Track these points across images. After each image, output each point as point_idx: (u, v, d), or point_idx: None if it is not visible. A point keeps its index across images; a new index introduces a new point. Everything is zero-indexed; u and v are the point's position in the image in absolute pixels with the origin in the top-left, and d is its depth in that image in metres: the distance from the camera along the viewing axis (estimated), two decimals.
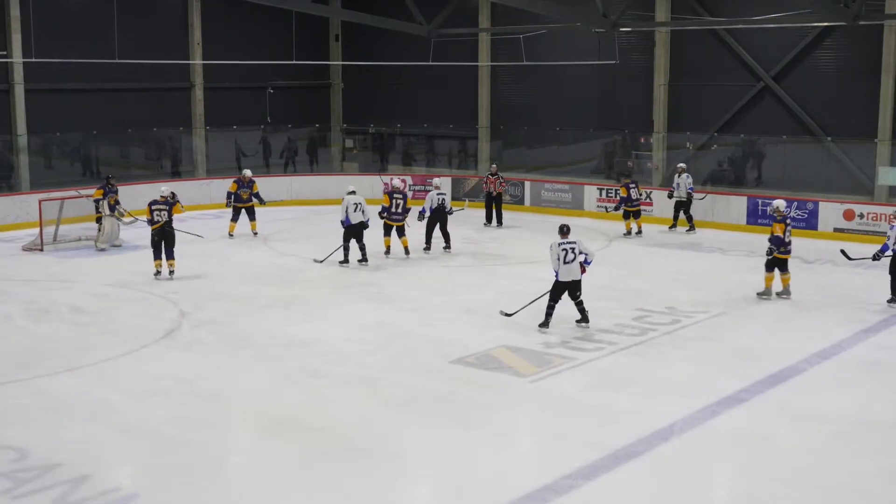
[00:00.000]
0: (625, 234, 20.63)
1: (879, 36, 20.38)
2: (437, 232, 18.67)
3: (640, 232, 20.72)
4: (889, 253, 14.23)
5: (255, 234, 20.38)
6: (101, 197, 18.95)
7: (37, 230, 18.99)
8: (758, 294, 14.79)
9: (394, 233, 17.86)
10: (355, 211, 16.97)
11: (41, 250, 18.56)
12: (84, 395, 10.46)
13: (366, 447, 8.98)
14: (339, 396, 10.45)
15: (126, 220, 18.96)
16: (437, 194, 18.72)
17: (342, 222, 17.07)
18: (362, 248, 17.16)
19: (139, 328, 13.12)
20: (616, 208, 21.02)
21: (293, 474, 8.38)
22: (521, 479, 8.23)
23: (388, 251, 17.95)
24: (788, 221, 14.63)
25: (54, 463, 8.50)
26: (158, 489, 8.10)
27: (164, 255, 15.95)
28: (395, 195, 17.78)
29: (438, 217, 18.64)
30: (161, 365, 11.55)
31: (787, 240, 14.42)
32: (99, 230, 18.84)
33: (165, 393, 10.48)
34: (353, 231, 17.04)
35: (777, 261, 14.48)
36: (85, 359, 11.72)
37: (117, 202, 18.86)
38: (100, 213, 18.86)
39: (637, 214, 20.80)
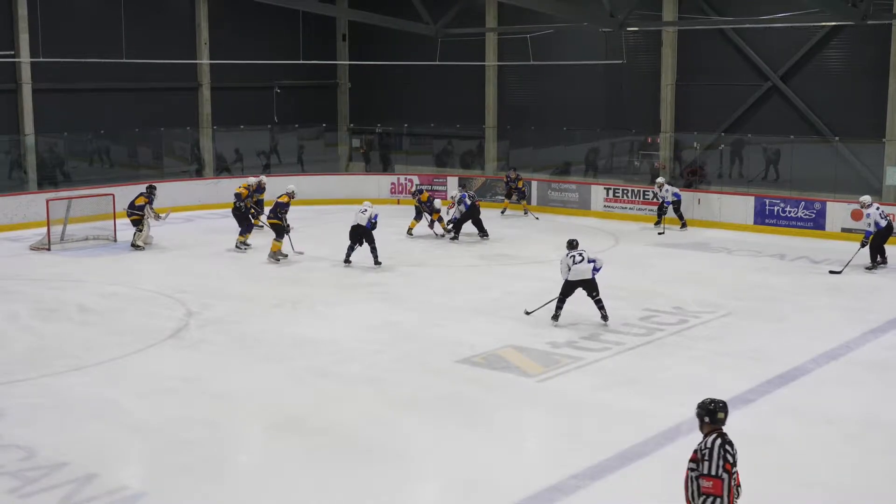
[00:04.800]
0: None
1: (888, 35, 20.31)
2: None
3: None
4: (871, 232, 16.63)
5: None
6: (146, 203, 18.99)
7: (44, 230, 19.05)
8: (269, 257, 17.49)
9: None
10: (360, 213, 17.10)
11: (49, 250, 18.62)
12: (91, 394, 10.49)
13: (373, 447, 8.99)
14: (346, 396, 10.45)
15: (163, 215, 19.31)
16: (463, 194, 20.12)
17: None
18: (372, 250, 17.11)
19: (147, 328, 13.14)
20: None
21: (300, 474, 8.38)
22: (529, 479, 8.23)
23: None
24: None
25: (62, 462, 8.52)
26: (165, 488, 8.12)
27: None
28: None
29: (472, 213, 19.97)
30: (168, 364, 11.57)
31: (272, 213, 17.67)
32: (139, 230, 18.89)
33: (173, 392, 10.50)
34: (353, 233, 17.09)
35: (275, 227, 17.55)
36: (92, 358, 11.75)
37: (149, 203, 19.11)
38: (139, 215, 18.82)
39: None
